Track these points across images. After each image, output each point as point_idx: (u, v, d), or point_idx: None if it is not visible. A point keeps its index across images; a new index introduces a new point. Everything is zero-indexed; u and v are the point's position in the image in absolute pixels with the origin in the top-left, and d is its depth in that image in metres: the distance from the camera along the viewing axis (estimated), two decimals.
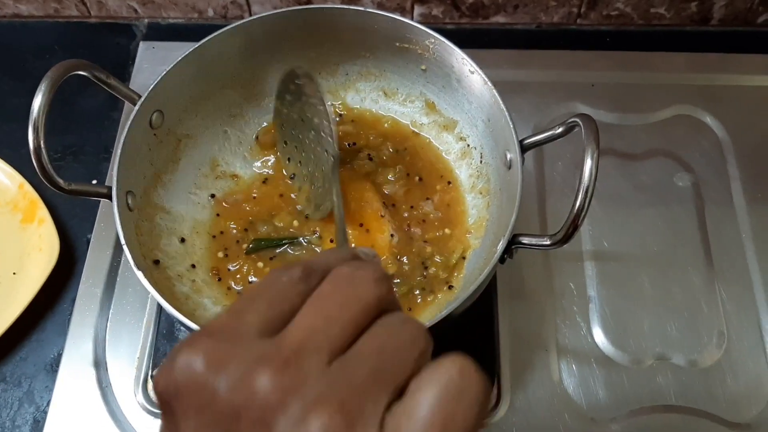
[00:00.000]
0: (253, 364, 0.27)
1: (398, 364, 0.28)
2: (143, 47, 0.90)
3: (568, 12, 0.90)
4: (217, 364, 0.27)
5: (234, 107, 0.74)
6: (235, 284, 0.67)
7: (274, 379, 0.26)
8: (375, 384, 0.27)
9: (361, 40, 0.72)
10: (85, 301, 0.72)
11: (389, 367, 0.28)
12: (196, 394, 0.27)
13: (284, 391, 0.26)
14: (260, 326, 0.29)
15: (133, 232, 0.61)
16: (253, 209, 0.72)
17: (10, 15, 0.94)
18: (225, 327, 0.29)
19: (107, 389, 0.68)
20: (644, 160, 0.81)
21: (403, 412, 0.26)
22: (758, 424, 0.66)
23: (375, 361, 0.28)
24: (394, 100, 0.76)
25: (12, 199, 0.78)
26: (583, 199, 0.52)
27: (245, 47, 0.71)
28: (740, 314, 0.72)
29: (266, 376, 0.26)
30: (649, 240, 0.75)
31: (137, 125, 0.63)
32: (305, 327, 0.28)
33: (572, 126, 0.57)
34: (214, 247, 0.69)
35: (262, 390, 0.26)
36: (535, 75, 0.86)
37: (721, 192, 0.79)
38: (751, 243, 0.75)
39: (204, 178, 0.73)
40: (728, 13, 0.89)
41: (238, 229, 0.70)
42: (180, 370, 0.27)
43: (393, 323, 0.30)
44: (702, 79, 0.86)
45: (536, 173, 0.79)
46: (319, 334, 0.28)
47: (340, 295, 0.29)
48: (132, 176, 0.63)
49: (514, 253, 0.58)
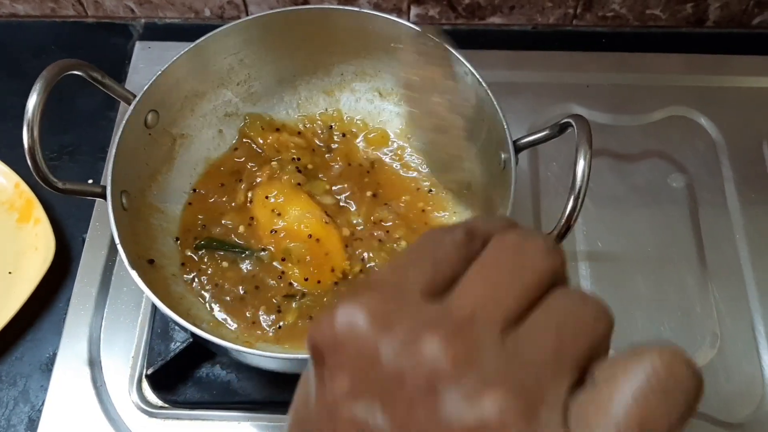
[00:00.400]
0: (421, 327, 0.24)
1: (580, 343, 0.25)
2: (139, 47, 0.90)
3: (564, 13, 0.90)
4: (382, 322, 0.25)
5: (229, 107, 0.75)
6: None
7: (446, 345, 0.23)
8: (556, 364, 0.24)
9: (357, 40, 0.72)
10: (80, 300, 0.72)
11: (570, 345, 0.24)
12: (357, 351, 0.25)
13: (456, 361, 0.23)
14: (424, 286, 0.26)
15: (128, 231, 0.61)
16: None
17: (6, 14, 0.94)
18: (389, 282, 0.27)
19: (102, 388, 0.68)
20: (639, 161, 0.81)
21: (592, 403, 0.23)
22: (750, 424, 0.66)
23: (554, 338, 0.24)
24: (389, 101, 0.76)
25: (8, 198, 0.78)
26: (576, 198, 0.53)
27: (241, 47, 0.71)
28: (733, 315, 0.72)
29: (437, 342, 0.24)
30: (643, 240, 0.75)
31: (132, 125, 0.63)
32: (475, 294, 0.26)
33: (565, 126, 0.58)
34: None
35: (431, 356, 0.23)
36: (531, 76, 0.87)
37: (715, 193, 0.79)
38: (745, 244, 0.75)
39: (199, 177, 0.73)
40: (724, 15, 0.90)
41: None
42: (342, 323, 0.25)
43: (571, 297, 0.26)
44: (697, 81, 0.86)
45: (530, 173, 0.79)
46: (491, 304, 0.25)
47: (509, 263, 0.26)
48: (127, 176, 0.63)
49: None
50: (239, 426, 0.66)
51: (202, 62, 0.69)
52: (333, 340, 0.25)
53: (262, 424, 0.66)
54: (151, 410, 0.67)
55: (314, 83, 0.76)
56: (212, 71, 0.71)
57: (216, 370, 0.68)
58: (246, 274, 0.67)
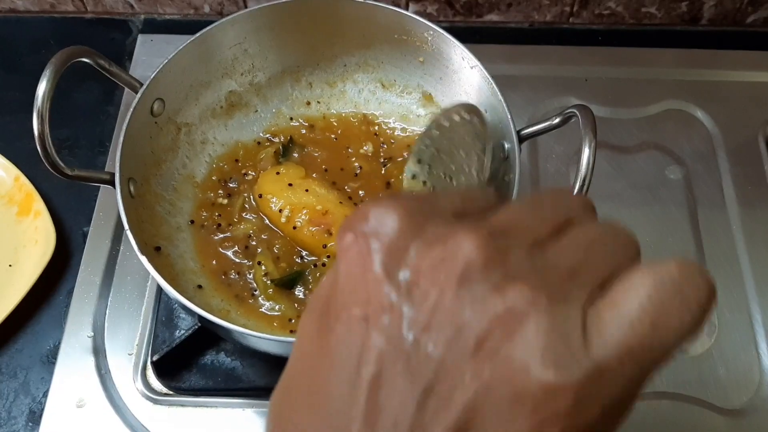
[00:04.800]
0: (452, 229, 0.25)
1: (607, 260, 0.26)
2: (141, 40, 0.91)
3: (561, 11, 0.91)
4: (414, 223, 0.26)
5: (233, 96, 0.75)
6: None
7: (477, 243, 0.24)
8: (580, 275, 0.25)
9: (360, 31, 0.73)
10: (84, 289, 0.72)
11: (598, 261, 0.26)
12: (388, 245, 0.25)
13: (487, 257, 0.24)
14: (454, 210, 0.27)
15: (135, 218, 0.61)
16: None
17: (5, 10, 0.94)
18: (420, 199, 0.27)
19: (106, 376, 0.68)
20: (636, 154, 0.82)
21: (609, 303, 0.24)
22: (748, 410, 0.67)
23: (583, 254, 0.26)
24: (391, 92, 0.77)
25: (7, 192, 0.78)
26: (581, 187, 0.53)
27: (245, 37, 0.71)
28: (730, 303, 0.73)
29: (468, 241, 0.24)
30: (641, 231, 0.75)
31: (139, 113, 0.64)
32: (507, 217, 0.27)
33: (569, 116, 0.58)
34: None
35: (463, 249, 0.24)
36: (529, 70, 0.88)
37: (712, 185, 0.80)
38: (741, 235, 0.76)
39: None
40: (718, 13, 0.91)
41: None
42: (374, 219, 0.26)
43: (603, 225, 0.27)
44: (693, 75, 0.87)
45: (530, 165, 0.80)
46: (523, 224, 0.26)
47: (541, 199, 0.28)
48: (134, 163, 0.64)
49: None
50: (243, 413, 0.66)
51: (207, 52, 0.70)
52: (363, 233, 0.26)
53: (267, 411, 0.66)
54: (155, 397, 0.67)
55: (317, 74, 0.77)
56: (217, 61, 0.71)
57: (221, 357, 0.68)
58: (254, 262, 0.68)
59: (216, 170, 0.74)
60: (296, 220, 0.67)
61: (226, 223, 0.70)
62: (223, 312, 0.64)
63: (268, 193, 0.70)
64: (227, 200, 0.72)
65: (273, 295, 0.66)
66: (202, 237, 0.69)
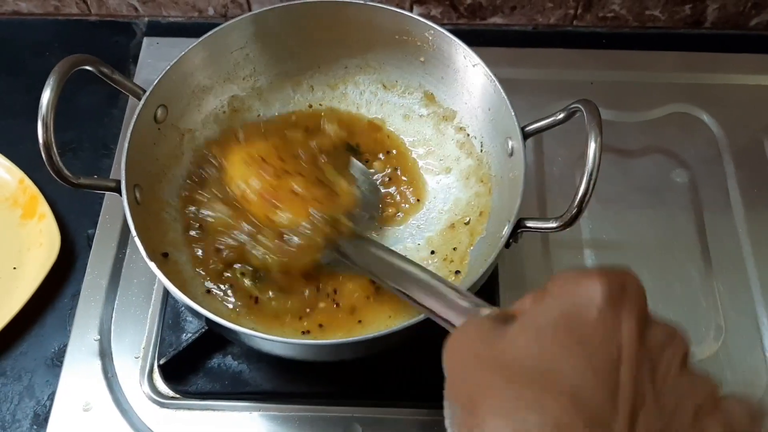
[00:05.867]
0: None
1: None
2: (147, 43, 0.91)
3: (565, 14, 0.91)
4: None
5: (236, 101, 0.75)
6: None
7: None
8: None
9: (361, 33, 0.73)
10: (90, 292, 0.72)
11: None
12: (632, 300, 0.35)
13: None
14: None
15: (142, 225, 0.61)
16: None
17: (9, 12, 0.94)
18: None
19: (113, 379, 0.68)
20: (641, 157, 0.82)
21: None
22: None
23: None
24: (393, 92, 0.77)
25: (12, 194, 0.78)
26: (588, 181, 0.53)
27: (246, 42, 0.71)
28: (737, 307, 0.73)
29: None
30: (648, 235, 0.76)
31: (143, 120, 0.64)
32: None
33: (573, 111, 0.58)
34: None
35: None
36: (532, 73, 0.88)
37: (717, 188, 0.80)
38: (747, 237, 0.76)
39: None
40: (721, 16, 0.91)
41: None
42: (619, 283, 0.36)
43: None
44: (697, 78, 0.88)
45: (535, 163, 0.81)
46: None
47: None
48: (138, 170, 0.63)
49: (519, 237, 0.59)
50: (250, 416, 0.66)
51: (210, 57, 0.69)
52: (620, 287, 0.36)
53: (273, 414, 0.66)
54: (162, 400, 0.67)
55: (318, 77, 0.77)
56: (219, 66, 0.71)
57: (227, 360, 0.68)
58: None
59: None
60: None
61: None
62: (232, 315, 0.64)
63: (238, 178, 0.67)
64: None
65: (277, 297, 0.65)
66: (207, 242, 0.69)
